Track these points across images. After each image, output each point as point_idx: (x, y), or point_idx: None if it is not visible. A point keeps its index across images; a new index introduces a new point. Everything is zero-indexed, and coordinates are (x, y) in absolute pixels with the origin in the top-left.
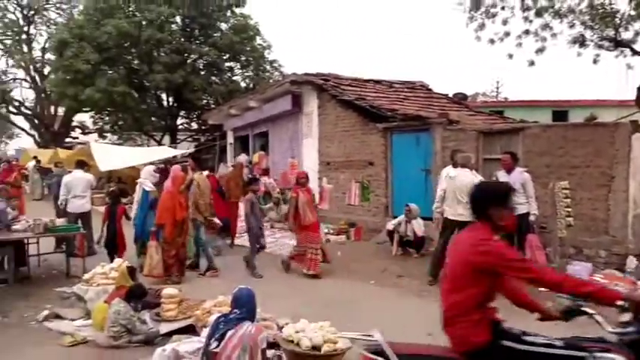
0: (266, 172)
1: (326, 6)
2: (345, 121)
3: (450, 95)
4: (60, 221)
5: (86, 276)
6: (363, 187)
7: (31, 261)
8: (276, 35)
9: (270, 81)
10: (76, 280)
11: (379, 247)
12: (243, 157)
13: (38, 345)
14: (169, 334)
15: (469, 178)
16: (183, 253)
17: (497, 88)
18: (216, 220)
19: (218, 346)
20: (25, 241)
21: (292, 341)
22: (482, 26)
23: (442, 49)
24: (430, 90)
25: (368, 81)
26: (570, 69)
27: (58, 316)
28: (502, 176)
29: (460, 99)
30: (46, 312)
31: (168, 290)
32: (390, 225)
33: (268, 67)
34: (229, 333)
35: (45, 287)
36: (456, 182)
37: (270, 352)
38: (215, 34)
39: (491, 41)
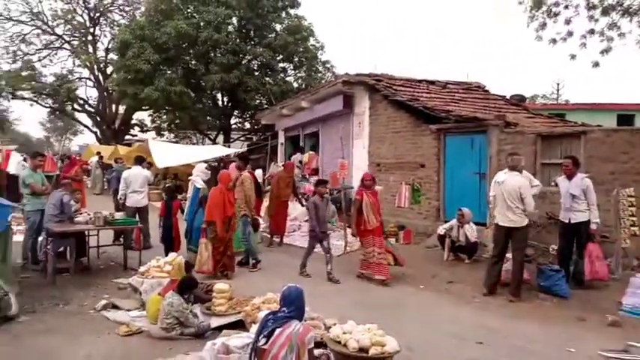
0: (316, 172)
1: (381, 6)
2: (397, 122)
3: (508, 97)
4: (119, 215)
5: (142, 268)
6: (414, 190)
7: (90, 252)
8: (329, 36)
9: (322, 81)
10: (132, 272)
11: (429, 251)
12: (297, 157)
13: (96, 333)
14: (219, 329)
15: (519, 182)
16: (231, 249)
17: (558, 90)
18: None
19: (266, 343)
20: (86, 233)
21: (339, 342)
22: (543, 26)
23: (501, 50)
24: (487, 91)
25: (421, 81)
26: (638, 71)
27: (114, 306)
28: (562, 182)
29: (518, 101)
30: (103, 302)
31: (220, 285)
32: (442, 229)
33: (321, 68)
34: (277, 331)
35: (103, 278)
36: (505, 187)
37: (317, 351)
38: (269, 35)
39: (553, 41)
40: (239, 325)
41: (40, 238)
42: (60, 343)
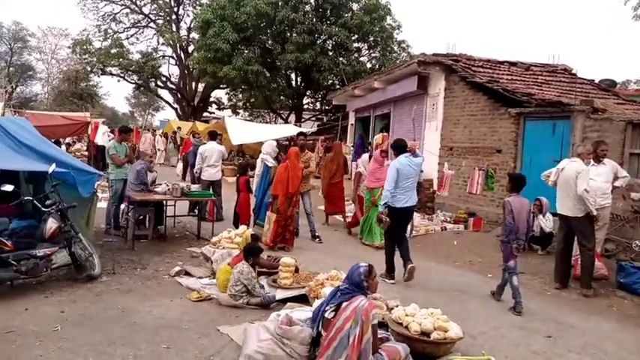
0: (386, 153)
1: None
2: (474, 104)
3: (597, 81)
4: (195, 187)
5: (214, 239)
6: (488, 176)
7: (167, 221)
8: (406, 15)
9: (397, 62)
10: (204, 242)
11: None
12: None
13: (169, 296)
14: (284, 301)
15: (577, 167)
16: (293, 225)
17: None
18: None
19: (334, 315)
20: (164, 202)
21: (401, 324)
22: None
23: (591, 30)
24: (573, 74)
25: (502, 63)
26: None
27: (187, 273)
28: None
29: (608, 86)
30: (177, 268)
31: (286, 259)
32: None
33: (396, 48)
34: (344, 304)
35: (177, 246)
36: (564, 173)
37: (379, 332)
38: (345, 15)
39: None
40: (302, 299)
41: (122, 206)
42: (136, 304)
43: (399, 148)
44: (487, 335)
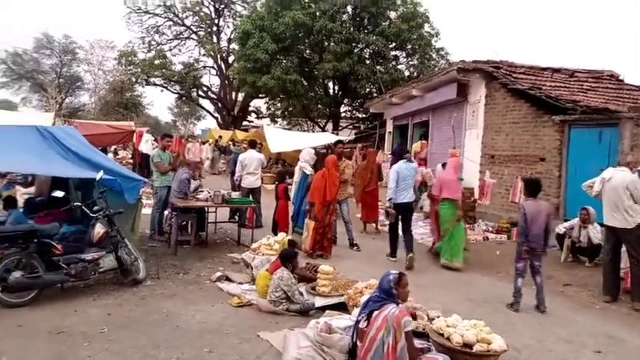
0: (425, 161)
1: None
2: (515, 112)
3: None
4: (235, 194)
5: (254, 245)
6: None
7: (208, 227)
8: (445, 22)
9: (436, 69)
10: (244, 249)
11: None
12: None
13: (210, 301)
14: (323, 309)
15: (627, 178)
16: (331, 233)
17: None
18: None
19: (367, 325)
20: (206, 209)
21: (443, 335)
22: None
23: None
24: (621, 81)
25: (545, 69)
26: None
27: (227, 279)
28: None
29: None
30: (218, 273)
31: (324, 267)
32: (561, 228)
33: (434, 55)
34: (375, 313)
35: (218, 252)
36: (611, 183)
37: (418, 342)
38: (383, 23)
39: None
40: (341, 307)
41: (166, 212)
42: (179, 308)
43: (398, 155)
44: (532, 348)
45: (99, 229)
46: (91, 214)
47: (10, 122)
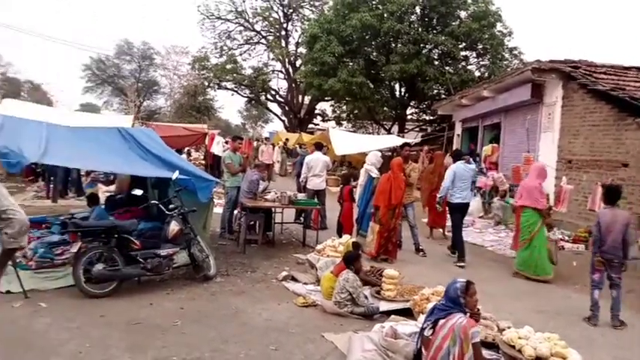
0: (495, 166)
1: None
2: (595, 114)
3: None
4: (301, 196)
5: (319, 247)
6: None
7: (275, 228)
8: (519, 20)
9: (508, 69)
10: (309, 249)
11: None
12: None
13: (276, 300)
14: (387, 313)
15: None
16: (396, 237)
17: None
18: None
19: (432, 333)
20: (273, 210)
21: (514, 347)
22: None
23: None
24: None
25: (629, 68)
26: None
27: (293, 278)
28: None
29: None
30: (284, 273)
31: (390, 271)
32: None
33: (507, 55)
34: (441, 322)
35: (284, 252)
36: None
37: (487, 353)
38: (453, 23)
39: None
40: (406, 313)
41: (235, 212)
42: (247, 305)
43: (457, 156)
44: None
45: (174, 227)
46: (166, 212)
47: (94, 124)
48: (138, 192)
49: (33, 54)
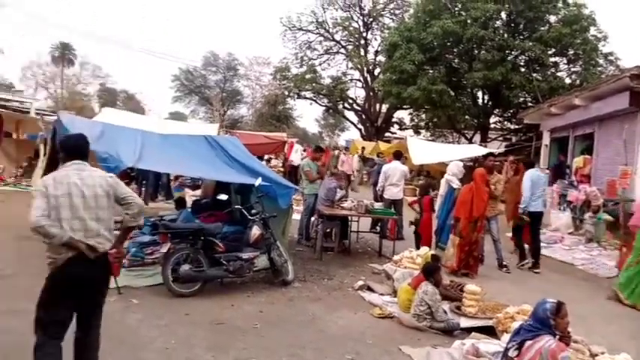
0: (588, 179)
1: None
2: None
3: None
4: (378, 205)
5: (395, 257)
6: None
7: (351, 236)
8: (615, 23)
9: (602, 76)
10: (385, 260)
11: None
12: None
13: (352, 309)
14: (468, 330)
15: None
16: (478, 251)
17: None
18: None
19: (517, 354)
20: (349, 218)
21: None
22: None
23: None
24: None
25: None
26: None
27: (369, 288)
28: None
29: None
30: (360, 282)
31: (471, 287)
32: None
33: (601, 61)
34: (527, 343)
35: (360, 261)
36: None
37: None
38: (541, 28)
39: None
40: (488, 331)
41: (313, 219)
42: (323, 312)
43: (530, 165)
44: None
45: (255, 231)
46: (249, 217)
47: (183, 131)
48: (223, 197)
49: (128, 65)
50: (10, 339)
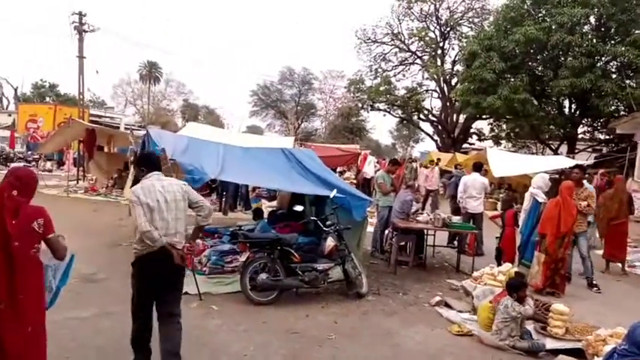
0: None
1: None
2: None
3: None
4: (456, 219)
5: (475, 274)
6: None
7: (427, 251)
8: None
9: None
10: (464, 276)
11: None
12: None
13: (429, 325)
14: (554, 352)
15: None
16: (565, 268)
17: None
18: None
19: None
20: (425, 231)
21: None
22: None
23: None
24: None
25: None
26: None
27: (447, 305)
28: None
29: None
30: (437, 298)
31: (558, 306)
32: None
33: None
34: None
35: (436, 276)
36: None
37: None
38: (636, 31)
39: None
40: (576, 354)
41: (387, 231)
42: (399, 327)
43: None
44: None
45: (330, 242)
46: (323, 228)
47: (261, 144)
48: (299, 208)
49: (209, 81)
50: (102, 341)
